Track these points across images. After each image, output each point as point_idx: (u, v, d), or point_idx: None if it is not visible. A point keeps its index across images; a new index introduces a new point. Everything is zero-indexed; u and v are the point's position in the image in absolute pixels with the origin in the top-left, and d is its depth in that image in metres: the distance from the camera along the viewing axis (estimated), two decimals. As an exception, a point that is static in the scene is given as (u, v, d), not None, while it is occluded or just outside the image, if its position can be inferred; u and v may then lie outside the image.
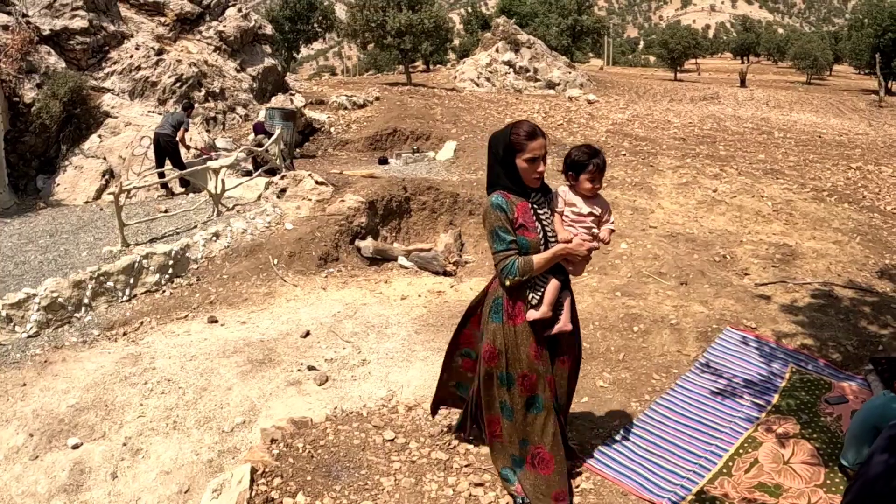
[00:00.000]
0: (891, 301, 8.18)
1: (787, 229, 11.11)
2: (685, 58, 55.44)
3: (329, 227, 10.15)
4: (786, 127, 21.83)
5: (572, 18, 44.04)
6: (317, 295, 8.55)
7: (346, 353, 6.95)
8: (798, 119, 25.17)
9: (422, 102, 21.23)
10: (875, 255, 10.17)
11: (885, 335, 7.28)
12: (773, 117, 25.04)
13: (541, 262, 4.19)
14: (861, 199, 13.75)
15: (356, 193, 11.20)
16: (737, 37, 73.89)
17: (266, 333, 7.49)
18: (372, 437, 5.26)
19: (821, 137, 20.14)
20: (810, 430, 5.58)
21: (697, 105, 28.77)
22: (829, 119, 26.11)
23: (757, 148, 18.07)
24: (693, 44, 54.96)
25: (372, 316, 7.76)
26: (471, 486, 4.77)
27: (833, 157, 16.94)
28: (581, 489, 4.78)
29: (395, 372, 6.52)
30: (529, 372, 4.32)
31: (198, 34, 20.62)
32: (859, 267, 9.62)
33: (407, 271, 9.88)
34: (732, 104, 29.78)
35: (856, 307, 7.90)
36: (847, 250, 10.21)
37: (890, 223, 12.24)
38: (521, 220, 4.18)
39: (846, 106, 31.39)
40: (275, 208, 10.90)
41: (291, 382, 6.44)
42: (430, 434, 5.31)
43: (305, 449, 5.04)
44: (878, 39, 41.59)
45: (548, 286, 4.30)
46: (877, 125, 24.57)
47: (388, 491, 4.65)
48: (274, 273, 9.13)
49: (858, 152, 18.08)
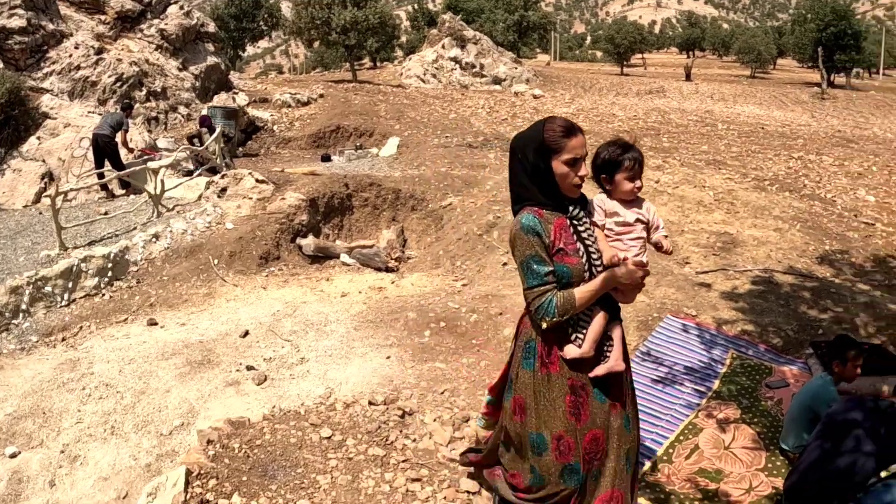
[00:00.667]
0: (830, 286, 8.34)
1: (728, 218, 11.24)
2: (631, 53, 56.19)
3: (270, 225, 10.07)
4: (729, 119, 22.18)
5: (519, 14, 44.06)
6: (257, 294, 8.48)
7: (284, 352, 6.90)
8: (742, 111, 25.59)
9: (366, 99, 21.14)
10: (815, 241, 10.34)
11: (825, 319, 7.42)
12: (718, 110, 25.44)
13: (585, 297, 3.35)
14: (802, 187, 14.01)
15: (297, 191, 11.11)
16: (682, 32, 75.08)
17: (205, 334, 7.41)
18: (309, 435, 5.21)
19: (764, 129, 20.49)
20: (751, 414, 5.63)
21: (643, 99, 29.09)
22: (773, 111, 26.60)
23: (700, 140, 18.33)
24: (639, 39, 55.75)
25: (311, 314, 7.71)
26: (408, 481, 4.75)
27: (775, 148, 17.24)
28: (517, 481, 4.81)
29: (334, 369, 6.48)
30: (567, 433, 3.44)
31: (139, 32, 20.23)
32: (799, 253, 9.76)
33: (349, 268, 9.84)
34: (677, 97, 30.17)
35: (796, 293, 8.02)
36: (787, 237, 10.36)
37: (830, 210, 12.48)
38: (560, 242, 3.35)
39: (789, 98, 32.01)
40: (215, 208, 10.77)
41: (230, 383, 6.38)
42: (368, 430, 5.28)
43: (242, 449, 4.98)
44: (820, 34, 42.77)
45: (593, 319, 3.49)
46: (819, 116, 25.11)
47: (324, 489, 4.62)
48: (214, 273, 9.02)
49: (800, 143, 18.44)
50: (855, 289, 8.38)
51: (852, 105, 30.33)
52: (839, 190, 14.00)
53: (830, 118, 24.77)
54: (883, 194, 13.66)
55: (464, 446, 5.17)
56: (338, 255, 10.17)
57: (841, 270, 9.30)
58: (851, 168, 15.53)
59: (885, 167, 15.60)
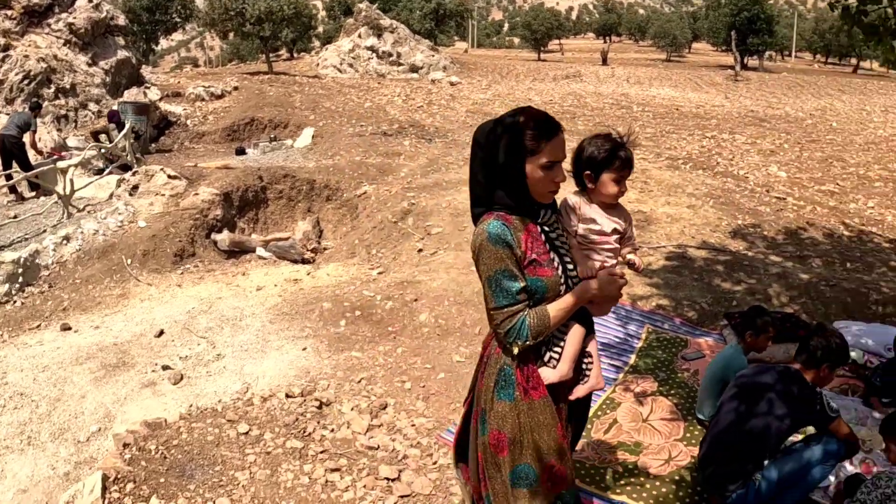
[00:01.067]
0: (743, 259, 8.55)
1: (642, 197, 11.39)
2: (549, 39, 56.69)
3: (184, 222, 9.86)
4: (644, 101, 22.55)
5: (435, 2, 43.71)
6: (172, 293, 8.31)
7: (200, 350, 6.78)
8: (657, 94, 26.03)
9: (281, 90, 20.83)
10: (728, 216, 10.58)
11: (738, 291, 7.62)
12: (633, 93, 25.82)
13: (560, 315, 2.90)
14: (715, 165, 14.36)
15: (211, 186, 10.91)
16: (599, 18, 75.95)
17: (120, 336, 7.23)
18: (226, 431, 5.15)
19: (678, 110, 20.89)
20: (668, 386, 5.71)
21: (560, 83, 29.34)
22: (688, 93, 27.13)
23: (615, 122, 18.59)
24: (556, 25, 56.31)
25: (227, 309, 7.59)
26: (327, 472, 4.73)
27: (689, 128, 17.62)
28: (439, 465, 4.80)
29: (250, 364, 6.41)
30: (559, 461, 2.99)
31: (46, 27, 19.44)
32: (712, 229, 9.96)
33: (265, 262, 9.72)
34: (594, 82, 30.52)
35: (709, 266, 8.19)
36: (700, 213, 10.56)
37: (742, 186, 12.82)
38: (532, 252, 2.87)
39: (704, 81, 32.69)
40: (127, 206, 10.49)
41: (146, 384, 6.25)
42: (285, 423, 5.24)
43: (158, 450, 4.89)
44: (733, 18, 44.09)
45: (568, 335, 3.03)
46: (732, 97, 25.70)
47: (243, 485, 4.57)
48: (128, 273, 8.81)
49: (714, 122, 18.87)
50: (767, 261, 8.62)
51: (765, 86, 31.18)
52: (752, 167, 14.41)
53: (744, 99, 25.42)
54: (794, 170, 14.11)
55: (382, 433, 5.19)
56: (254, 248, 10.04)
57: (754, 244, 9.56)
58: (764, 146, 16.00)
59: (797, 144, 16.13)
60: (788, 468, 4.00)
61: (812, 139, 16.72)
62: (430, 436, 5.14)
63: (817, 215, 11.42)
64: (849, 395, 5.78)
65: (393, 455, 4.93)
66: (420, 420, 5.37)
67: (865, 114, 21.94)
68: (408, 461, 4.86)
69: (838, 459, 4.05)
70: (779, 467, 4.02)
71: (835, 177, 13.61)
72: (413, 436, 5.16)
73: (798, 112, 21.23)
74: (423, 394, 5.74)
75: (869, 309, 7.40)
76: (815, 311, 7.31)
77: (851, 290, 7.65)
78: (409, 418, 5.38)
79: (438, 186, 11.21)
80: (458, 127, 16.74)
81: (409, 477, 4.68)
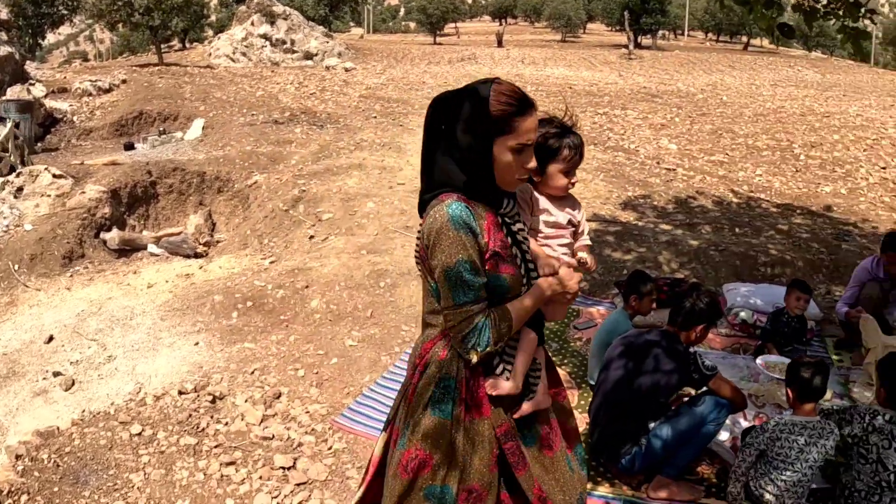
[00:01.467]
0: (633, 228, 8.79)
1: (530, 173, 11.57)
2: (444, 22, 56.54)
3: (71, 222, 9.50)
4: (538, 81, 22.72)
5: (329, -12, 43.11)
6: (61, 296, 8.04)
7: (91, 353, 6.60)
8: (551, 73, 26.29)
9: (171, 82, 20.20)
10: (618, 189, 10.82)
11: (629, 259, 7.85)
12: (528, 73, 26.01)
13: (520, 317, 2.48)
14: (606, 140, 14.64)
15: (97, 183, 10.54)
16: (495, 1, 75.56)
17: (8, 345, 6.96)
18: (119, 434, 5.06)
19: (571, 88, 21.14)
20: (561, 356, 5.88)
21: (455, 66, 29.35)
22: (581, 72, 27.47)
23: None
24: (452, 8, 56.26)
25: (117, 309, 7.39)
26: (222, 466, 4.72)
27: (582, 105, 17.85)
28: (334, 450, 4.84)
29: (142, 363, 6.29)
30: (481, 486, 2.54)
31: (-84, 26, 18.41)
32: (603, 201, 10.16)
33: (157, 258, 9.49)
34: (489, 63, 30.62)
35: (600, 237, 8.39)
36: (591, 187, 10.76)
37: (633, 160, 13.12)
38: (495, 244, 2.42)
39: (598, 60, 33.15)
40: (12, 209, 10.04)
41: (38, 392, 6.07)
42: (178, 421, 5.19)
43: (51, 459, 4.78)
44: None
45: (520, 343, 2.57)
46: (626, 75, 26.14)
47: (138, 487, 4.52)
48: (15, 280, 8.48)
49: (607, 99, 19.17)
50: (657, 229, 8.89)
51: (658, 64, 31.85)
52: (643, 141, 14.74)
53: (637, 76, 25.89)
54: (685, 142, 14.51)
55: (276, 423, 5.20)
56: (145, 246, 9.78)
57: (644, 214, 9.83)
58: (655, 120, 16.36)
59: (688, 118, 16.56)
60: (682, 425, 4.08)
61: (702, 112, 17.22)
62: (324, 422, 5.18)
63: (707, 184, 11.81)
64: (740, 353, 6.10)
65: (288, 444, 4.95)
66: (314, 406, 5.39)
67: (755, 88, 22.70)
68: (303, 448, 4.89)
69: (728, 413, 4.13)
70: (672, 425, 4.10)
71: (724, 147, 14.09)
72: (307, 423, 5.18)
73: (689, 87, 21.84)
74: (316, 380, 5.76)
75: (758, 271, 7.76)
76: (706, 276, 7.63)
77: (740, 254, 7.99)
78: (304, 405, 5.40)
79: (329, 172, 11.14)
80: (350, 112, 16.63)
81: (305, 464, 4.72)
